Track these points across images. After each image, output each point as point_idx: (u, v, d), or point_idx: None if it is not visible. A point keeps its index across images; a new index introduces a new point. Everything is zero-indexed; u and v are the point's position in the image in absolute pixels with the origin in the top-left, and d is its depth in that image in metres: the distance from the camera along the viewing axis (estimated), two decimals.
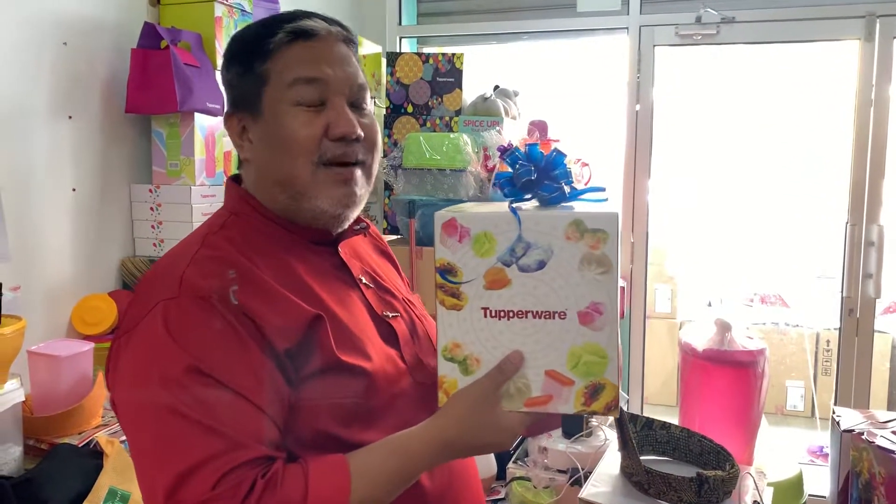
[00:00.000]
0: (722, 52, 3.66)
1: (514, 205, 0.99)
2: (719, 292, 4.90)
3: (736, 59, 4.08)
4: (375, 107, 3.20)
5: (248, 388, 0.90)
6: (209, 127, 2.26)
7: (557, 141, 3.03)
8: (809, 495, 1.75)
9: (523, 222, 0.95)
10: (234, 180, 1.12)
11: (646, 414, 1.37)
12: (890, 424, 1.51)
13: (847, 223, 2.99)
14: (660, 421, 1.45)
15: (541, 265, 0.96)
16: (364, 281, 1.12)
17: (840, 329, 3.06)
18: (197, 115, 2.20)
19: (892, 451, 1.39)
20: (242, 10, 2.44)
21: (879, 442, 1.43)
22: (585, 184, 3.05)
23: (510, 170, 1.02)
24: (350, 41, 1.09)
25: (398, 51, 3.41)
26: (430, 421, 0.98)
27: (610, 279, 0.96)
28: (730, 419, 1.55)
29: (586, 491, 1.25)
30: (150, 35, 2.15)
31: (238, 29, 1.28)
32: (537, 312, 0.97)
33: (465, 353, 0.99)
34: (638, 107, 3.17)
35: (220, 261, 0.96)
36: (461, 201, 2.84)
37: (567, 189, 1.00)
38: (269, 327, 0.93)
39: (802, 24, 2.98)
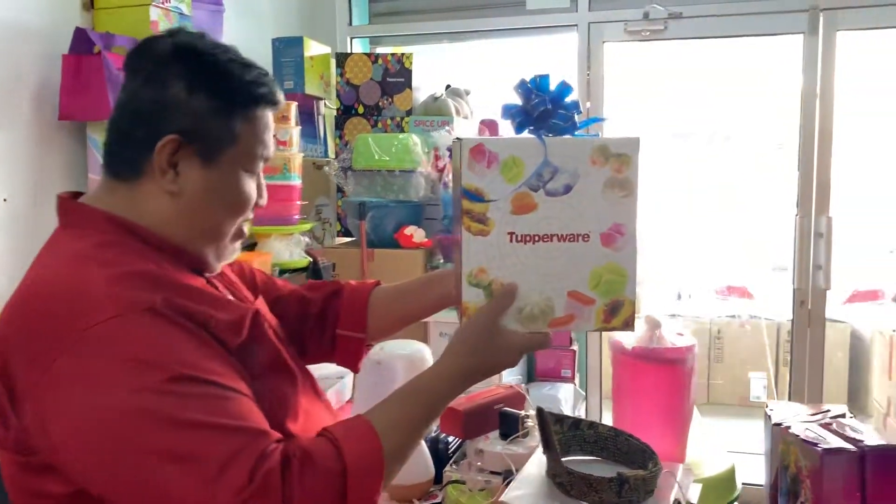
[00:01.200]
0: (676, 46, 3.67)
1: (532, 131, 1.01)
2: (687, 285, 4.93)
3: (690, 53, 4.10)
4: (326, 108, 3.18)
5: (232, 380, 0.90)
6: None
7: None
8: (752, 485, 1.76)
9: (550, 147, 0.99)
10: (70, 197, 1.03)
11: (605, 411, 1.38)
12: (817, 417, 1.52)
13: (796, 215, 3.02)
14: (587, 421, 1.45)
15: (567, 189, 1.00)
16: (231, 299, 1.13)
17: (793, 321, 3.09)
18: None
19: (816, 444, 1.40)
20: (181, 14, 2.40)
21: (804, 435, 1.44)
22: None
23: (519, 102, 1.03)
24: None
25: (349, 51, 3.38)
26: (445, 357, 1.03)
27: (632, 201, 1.02)
28: (660, 416, 1.56)
29: (508, 494, 1.25)
30: (81, 40, 2.11)
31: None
32: (562, 236, 1.01)
33: (490, 278, 1.01)
34: (588, 104, 3.18)
35: (135, 274, 0.92)
36: (411, 203, 2.84)
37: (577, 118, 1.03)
38: (218, 325, 0.94)
39: (747, 19, 3.00)
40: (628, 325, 1.05)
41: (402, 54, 3.07)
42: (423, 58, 3.27)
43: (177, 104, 0.98)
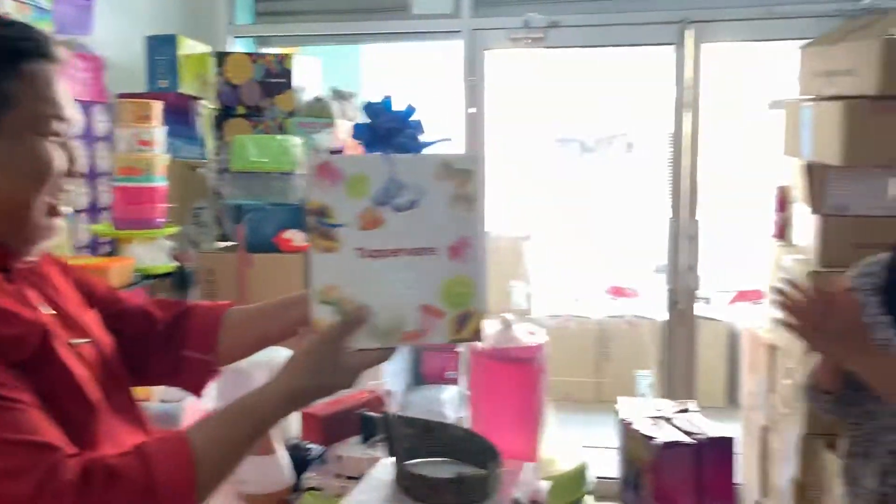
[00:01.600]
0: (562, 55, 3.76)
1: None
2: (578, 287, 5.07)
3: (576, 60, 4.22)
4: (205, 108, 3.10)
5: (17, 392, 0.86)
6: None
7: None
8: (605, 478, 1.81)
9: (395, 164, 1.00)
10: None
11: None
12: (662, 413, 1.59)
13: (670, 218, 3.15)
14: (440, 423, 1.46)
15: (413, 204, 1.01)
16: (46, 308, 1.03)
17: (668, 320, 3.22)
18: None
19: (653, 438, 1.46)
20: (38, 8, 2.29)
21: (644, 430, 1.50)
22: None
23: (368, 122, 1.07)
24: None
25: (230, 50, 3.30)
26: (280, 376, 0.99)
27: (476, 215, 1.04)
28: (512, 415, 1.59)
29: (350, 499, 1.24)
30: None
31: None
32: (411, 249, 1.02)
33: (340, 296, 1.00)
34: (473, 109, 3.22)
35: None
36: (291, 206, 2.79)
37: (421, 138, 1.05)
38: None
39: (622, 29, 3.11)
40: (477, 335, 1.06)
41: (284, 55, 3.02)
42: (313, 59, 3.24)
43: None
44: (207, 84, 3.05)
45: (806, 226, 2.37)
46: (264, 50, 3.50)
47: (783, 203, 2.66)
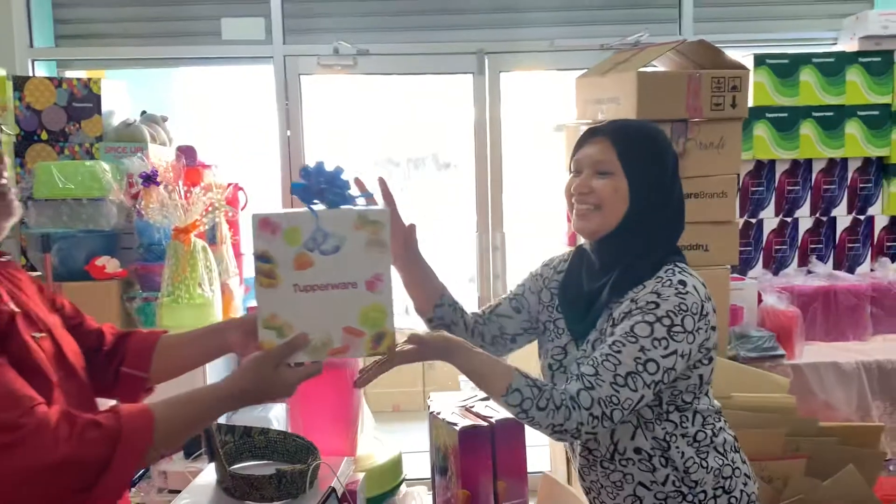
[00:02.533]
0: (378, 79, 3.94)
1: (312, 206, 1.29)
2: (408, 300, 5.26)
3: (389, 84, 4.43)
4: (3, 134, 2.95)
5: None
6: None
7: (208, 167, 3.06)
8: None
9: (321, 218, 1.27)
10: None
11: None
12: (464, 403, 1.78)
13: (476, 232, 3.41)
14: (258, 428, 1.55)
15: (336, 249, 1.27)
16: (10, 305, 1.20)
17: None
18: None
19: (455, 424, 1.65)
20: None
21: (448, 418, 1.69)
22: (241, 208, 3.11)
23: (303, 181, 1.31)
24: None
25: (29, 74, 3.18)
26: (228, 377, 1.24)
27: (386, 256, 1.30)
28: (329, 415, 1.71)
29: None
30: None
31: None
32: (335, 284, 1.28)
33: (280, 322, 1.27)
34: (289, 132, 3.32)
35: None
36: (103, 232, 2.75)
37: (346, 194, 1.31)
38: None
39: (426, 59, 3.36)
40: (391, 350, 1.33)
41: (90, 79, 2.96)
42: (120, 83, 3.18)
43: None
44: (5, 109, 2.92)
45: None
46: (69, 73, 3.39)
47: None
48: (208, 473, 1.47)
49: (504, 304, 1.66)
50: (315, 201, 1.30)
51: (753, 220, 3.01)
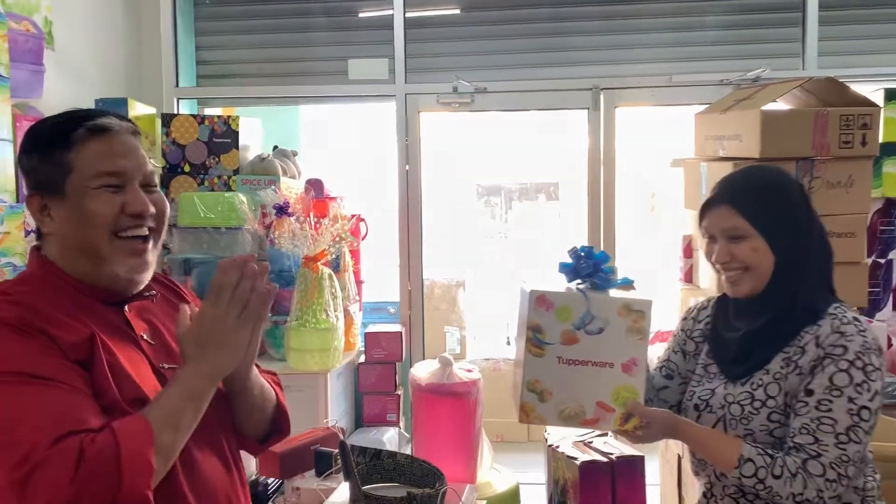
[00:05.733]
0: (488, 114, 4.04)
1: (579, 285, 1.45)
2: (510, 331, 5.31)
3: (502, 118, 4.53)
4: (153, 167, 3.23)
5: (69, 379, 1.09)
6: None
7: (334, 199, 3.23)
8: None
9: (591, 301, 1.41)
10: (38, 249, 1.27)
11: None
12: (582, 438, 1.81)
13: None
14: (387, 451, 1.63)
15: (600, 331, 1.42)
16: (145, 337, 1.26)
17: None
18: None
19: (575, 458, 1.67)
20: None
21: (568, 452, 1.72)
22: (362, 238, 3.27)
23: (569, 260, 1.49)
24: (136, 133, 1.29)
25: (175, 112, 3.46)
26: (189, 362, 1.16)
27: (644, 343, 1.43)
28: (452, 443, 1.77)
29: None
30: None
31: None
32: (594, 362, 1.42)
33: (542, 387, 1.43)
34: (407, 167, 3.46)
35: (15, 301, 1.15)
36: None
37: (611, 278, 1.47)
38: (64, 344, 1.11)
39: (542, 95, 3.43)
40: (637, 429, 1.44)
41: (229, 116, 3.20)
42: (254, 120, 3.43)
43: (24, 171, 1.24)
44: (154, 144, 3.19)
45: (707, 271, 2.66)
46: (207, 111, 3.66)
47: (688, 250, 2.97)
48: (341, 492, 1.56)
49: (657, 378, 1.67)
50: (579, 281, 1.46)
51: (882, 261, 2.89)
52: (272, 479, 1.86)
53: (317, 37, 3.56)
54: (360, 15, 3.53)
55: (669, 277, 3.19)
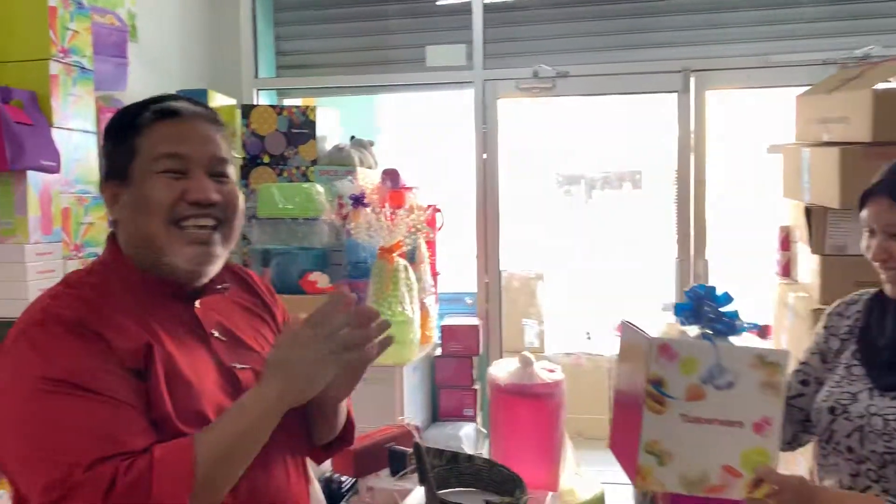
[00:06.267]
0: (567, 101, 3.91)
1: (703, 331, 1.30)
2: (592, 325, 5.16)
3: (582, 104, 4.38)
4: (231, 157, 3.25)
5: (118, 393, 1.03)
6: (44, 184, 2.25)
7: (410, 189, 3.17)
8: None
9: (720, 351, 1.26)
10: (113, 236, 1.23)
11: None
12: None
13: (677, 259, 3.26)
14: (465, 454, 1.55)
15: (730, 385, 1.26)
16: (216, 334, 1.20)
17: None
18: (30, 173, 2.19)
19: None
20: (82, 68, 2.45)
21: None
22: (438, 229, 3.20)
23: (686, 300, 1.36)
24: (214, 121, 1.23)
25: (254, 103, 3.47)
26: (261, 386, 1.07)
27: (780, 400, 1.27)
28: (533, 447, 1.68)
29: None
30: None
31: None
32: (723, 421, 1.26)
33: (662, 449, 1.27)
34: (485, 155, 3.37)
35: (77, 297, 1.11)
36: (316, 250, 2.93)
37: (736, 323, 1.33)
38: (118, 349, 1.06)
39: (627, 78, 3.26)
40: (769, 497, 1.27)
41: (307, 107, 3.18)
42: (332, 110, 3.40)
43: (104, 159, 1.21)
44: (234, 135, 3.21)
45: (807, 265, 2.47)
46: (286, 101, 3.67)
47: (785, 243, 2.77)
48: (417, 496, 1.50)
49: (792, 384, 1.55)
50: (700, 327, 1.32)
51: None
52: (346, 478, 1.81)
53: (394, 24, 3.51)
54: (438, 2, 3.45)
55: (754, 269, 3.00)
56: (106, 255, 1.21)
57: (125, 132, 1.17)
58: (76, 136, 2.43)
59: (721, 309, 1.32)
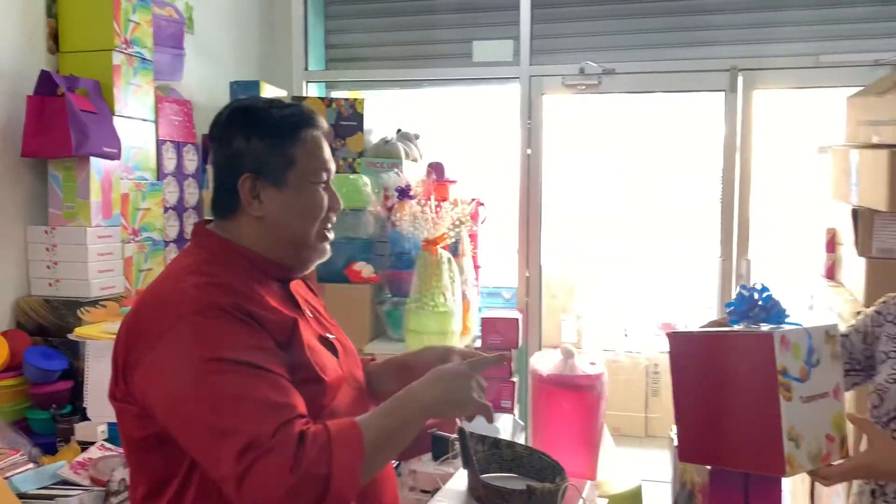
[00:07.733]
0: (610, 99, 3.91)
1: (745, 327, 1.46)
2: (630, 323, 5.16)
3: (624, 105, 4.37)
4: None
5: (273, 365, 1.16)
6: (106, 170, 2.35)
7: (454, 182, 3.21)
8: None
9: (812, 334, 1.43)
10: (203, 225, 1.35)
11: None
12: None
13: (720, 258, 3.25)
14: (506, 441, 1.60)
15: (818, 362, 1.43)
16: (307, 311, 1.36)
17: None
18: (93, 160, 2.28)
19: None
20: (143, 59, 2.54)
21: None
22: (481, 222, 3.24)
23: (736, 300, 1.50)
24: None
25: (304, 95, 3.55)
26: (420, 387, 1.23)
27: (840, 365, 1.47)
28: (573, 437, 1.71)
29: None
30: (46, 82, 2.24)
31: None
32: (819, 394, 1.42)
33: (796, 433, 1.38)
34: (529, 150, 3.39)
35: (219, 284, 1.22)
36: (362, 240, 2.99)
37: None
38: (269, 324, 1.20)
39: (674, 76, 3.26)
40: (847, 452, 1.44)
41: (355, 99, 3.24)
42: (377, 101, 3.46)
43: (241, 153, 1.28)
44: None
45: (854, 268, 2.46)
46: (334, 93, 3.74)
47: (831, 245, 2.75)
48: (459, 479, 1.54)
49: None
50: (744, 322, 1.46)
51: None
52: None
53: (442, 19, 3.55)
54: None
55: (798, 270, 2.98)
56: (213, 244, 1.31)
57: (283, 138, 1.28)
58: (136, 125, 2.53)
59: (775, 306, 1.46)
